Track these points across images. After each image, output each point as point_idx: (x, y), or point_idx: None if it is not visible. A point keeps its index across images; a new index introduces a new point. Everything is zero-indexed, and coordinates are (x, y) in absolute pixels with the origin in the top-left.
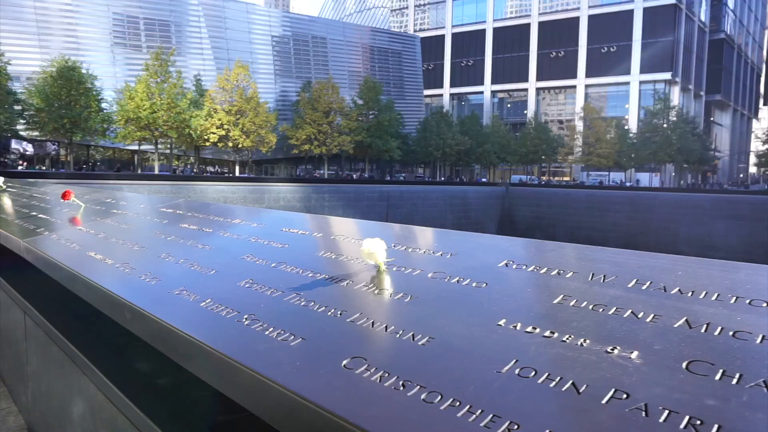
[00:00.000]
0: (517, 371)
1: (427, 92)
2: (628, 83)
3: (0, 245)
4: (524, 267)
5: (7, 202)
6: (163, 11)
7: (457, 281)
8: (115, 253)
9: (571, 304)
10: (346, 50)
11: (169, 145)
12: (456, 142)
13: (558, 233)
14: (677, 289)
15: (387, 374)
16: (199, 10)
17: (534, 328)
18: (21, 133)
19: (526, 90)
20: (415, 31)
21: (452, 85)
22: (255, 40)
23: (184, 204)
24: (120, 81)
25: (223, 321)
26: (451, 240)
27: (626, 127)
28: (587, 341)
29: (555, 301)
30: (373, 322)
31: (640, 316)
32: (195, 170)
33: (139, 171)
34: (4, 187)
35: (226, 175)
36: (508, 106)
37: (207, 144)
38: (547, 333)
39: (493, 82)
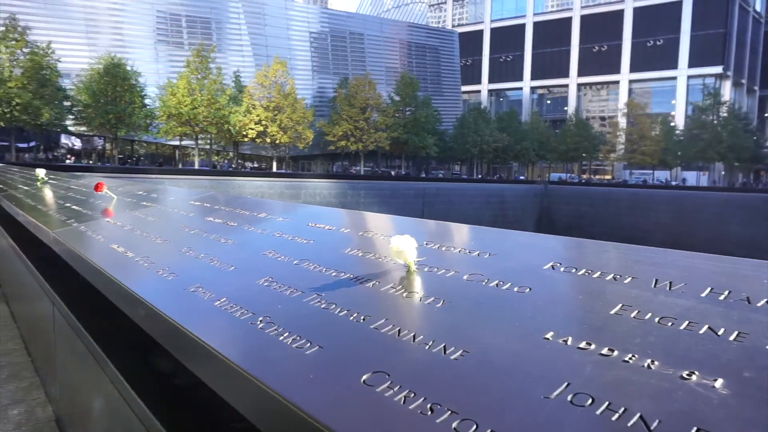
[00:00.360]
0: (569, 397)
1: (464, 88)
2: (674, 78)
3: (33, 235)
4: (573, 270)
5: (48, 193)
6: (205, 8)
7: (496, 285)
8: (138, 246)
9: (633, 315)
10: (384, 46)
11: (209, 141)
12: (494, 138)
13: (599, 233)
14: (765, 300)
15: (413, 394)
16: (239, 7)
17: (588, 344)
18: (70, 128)
19: (566, 86)
20: (453, 26)
21: (490, 80)
22: (293, 37)
23: (213, 197)
24: (163, 77)
25: (235, 323)
26: (490, 238)
27: (672, 124)
28: (656, 363)
29: (612, 312)
30: (399, 330)
31: (720, 333)
32: (233, 166)
33: (180, 166)
34: (45, 179)
35: (263, 170)
36: (548, 102)
37: (245, 140)
38: (604, 350)
39: (533, 77)
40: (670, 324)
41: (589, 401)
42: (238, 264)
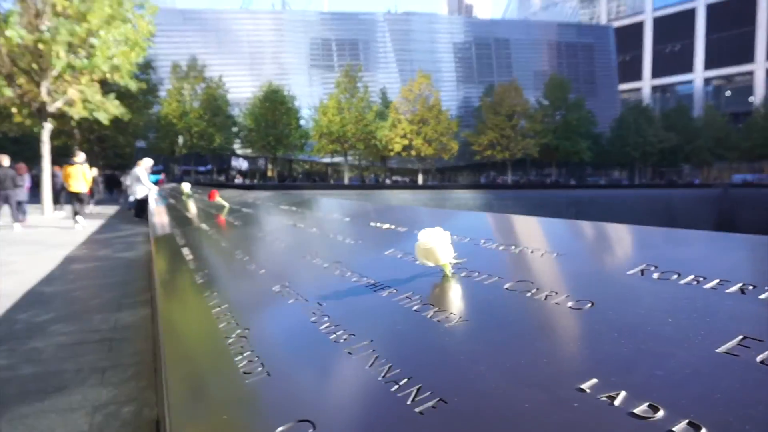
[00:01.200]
0: None
1: (622, 86)
2: None
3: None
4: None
5: (191, 205)
6: (353, 31)
7: (544, 298)
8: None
9: None
10: (531, 50)
11: (357, 157)
12: (659, 139)
13: None
14: None
15: None
16: (385, 26)
17: None
18: (237, 151)
19: (751, 73)
20: (608, 20)
21: (654, 75)
22: (438, 49)
23: (297, 200)
24: (315, 99)
25: None
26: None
27: None
28: None
29: None
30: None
31: None
32: (380, 180)
33: (332, 182)
34: (191, 193)
35: (408, 183)
36: (727, 93)
37: (391, 154)
38: None
39: (707, 67)
40: None
41: None
42: None
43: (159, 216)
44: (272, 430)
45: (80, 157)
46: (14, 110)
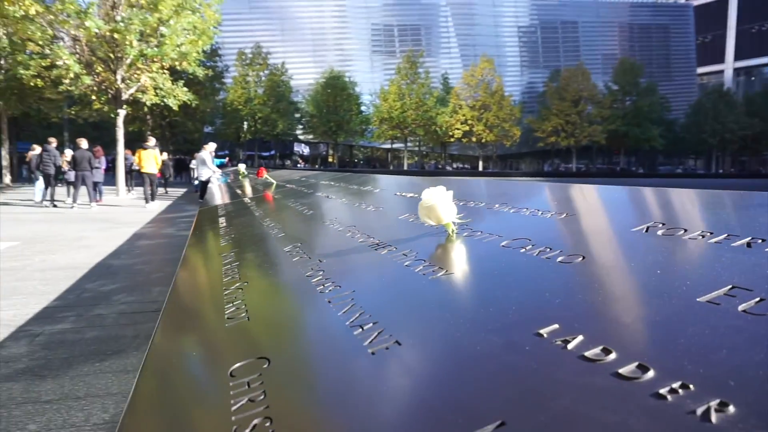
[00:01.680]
0: None
1: (701, 70)
2: None
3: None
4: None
5: (245, 183)
6: (415, 16)
7: (537, 253)
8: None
9: None
10: (600, 32)
11: (417, 143)
12: (740, 125)
13: None
14: None
15: None
16: (447, 10)
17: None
18: (299, 137)
19: None
20: None
21: (737, 57)
22: (501, 33)
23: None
24: (376, 85)
25: None
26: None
27: None
28: None
29: None
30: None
31: None
32: (439, 166)
33: (391, 168)
34: (246, 173)
35: (469, 169)
36: None
37: (452, 140)
38: None
39: None
40: None
41: None
42: None
43: (212, 193)
44: (231, 365)
45: (152, 141)
46: (93, 97)
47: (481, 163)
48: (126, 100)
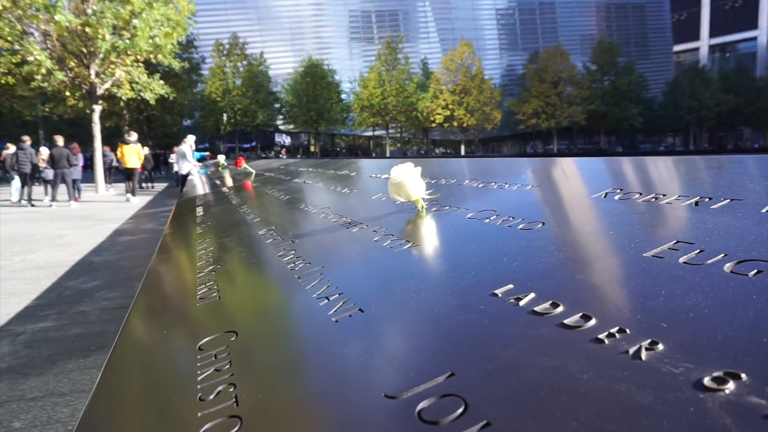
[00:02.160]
0: None
1: (677, 47)
2: None
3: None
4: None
5: (224, 174)
6: (392, 2)
7: (500, 222)
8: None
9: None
10: (578, 12)
11: (399, 129)
12: (716, 102)
13: None
14: None
15: None
16: None
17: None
18: (280, 127)
19: None
20: None
21: (712, 34)
22: (479, 16)
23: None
24: (356, 72)
25: None
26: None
27: None
28: None
29: None
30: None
31: None
32: (422, 152)
33: (374, 155)
34: (226, 164)
35: (451, 154)
36: None
37: (433, 125)
38: None
39: None
40: None
41: None
42: None
43: (191, 185)
44: (201, 339)
45: (134, 136)
46: (67, 93)
47: (463, 148)
48: (101, 96)
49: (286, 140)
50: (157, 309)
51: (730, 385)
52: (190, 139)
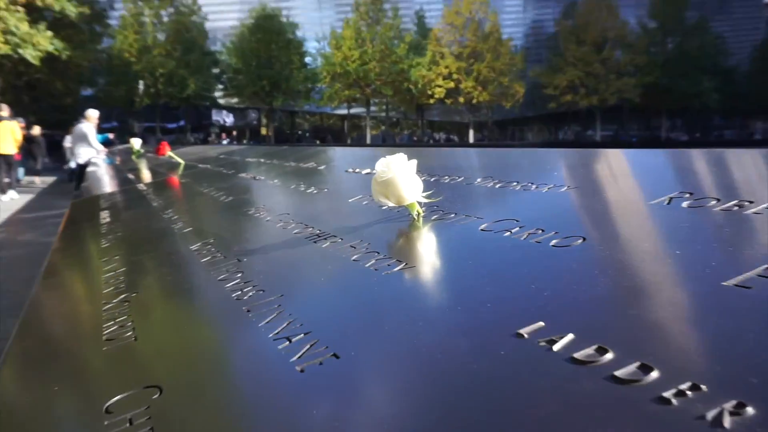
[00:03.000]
0: None
1: None
2: None
3: None
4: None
5: (140, 165)
6: None
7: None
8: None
9: None
10: None
11: (384, 107)
12: None
13: None
14: None
15: None
16: None
17: None
18: (219, 100)
19: None
20: None
21: None
22: None
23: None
24: (326, 28)
25: None
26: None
27: None
28: None
29: None
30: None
31: None
32: (415, 137)
33: (348, 141)
34: (142, 151)
35: (454, 142)
36: None
37: (432, 102)
38: None
39: None
40: None
41: None
42: None
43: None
44: (110, 398)
45: (6, 110)
46: None
47: (472, 133)
48: None
49: (228, 119)
50: (43, 356)
51: None
52: (93, 115)
